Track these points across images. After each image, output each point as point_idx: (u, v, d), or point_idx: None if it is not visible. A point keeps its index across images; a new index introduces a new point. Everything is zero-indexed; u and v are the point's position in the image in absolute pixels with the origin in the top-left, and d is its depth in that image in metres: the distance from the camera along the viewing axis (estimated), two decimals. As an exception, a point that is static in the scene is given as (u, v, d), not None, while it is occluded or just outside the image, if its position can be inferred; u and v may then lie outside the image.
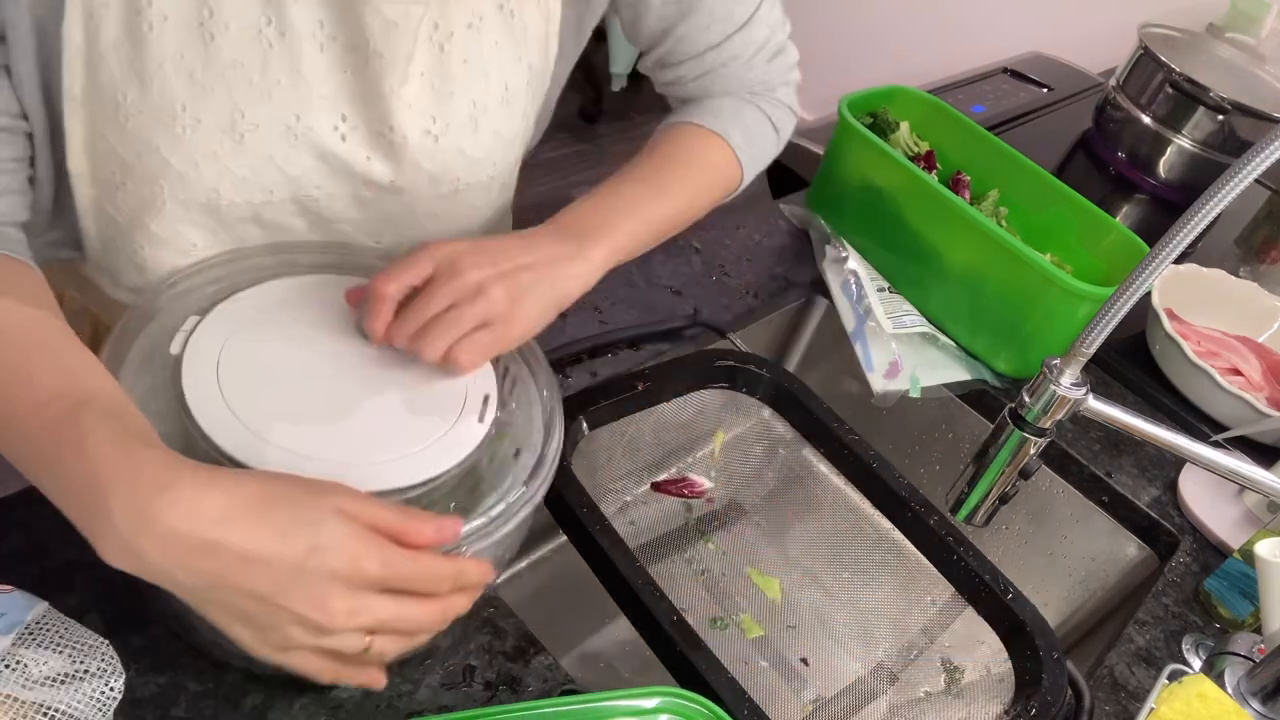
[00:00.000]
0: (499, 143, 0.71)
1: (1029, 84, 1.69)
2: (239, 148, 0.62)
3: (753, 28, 0.79)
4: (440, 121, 0.67)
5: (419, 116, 0.66)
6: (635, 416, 0.88)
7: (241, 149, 0.62)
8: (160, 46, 0.57)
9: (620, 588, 0.72)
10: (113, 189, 0.64)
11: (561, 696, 0.63)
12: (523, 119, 0.72)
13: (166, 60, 0.58)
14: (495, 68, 0.68)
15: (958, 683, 0.85)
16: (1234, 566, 0.85)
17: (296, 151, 0.64)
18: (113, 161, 0.62)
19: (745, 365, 0.91)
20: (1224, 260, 1.30)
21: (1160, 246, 0.57)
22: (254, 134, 0.62)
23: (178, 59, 0.58)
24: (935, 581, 0.85)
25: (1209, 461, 0.68)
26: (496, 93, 0.69)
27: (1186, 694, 0.74)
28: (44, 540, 0.64)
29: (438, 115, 0.67)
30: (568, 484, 0.75)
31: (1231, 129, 1.43)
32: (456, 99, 0.67)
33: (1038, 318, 0.97)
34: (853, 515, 0.92)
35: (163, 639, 0.62)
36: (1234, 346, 1.12)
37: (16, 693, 0.53)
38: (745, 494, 1.01)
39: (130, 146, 0.61)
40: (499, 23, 0.67)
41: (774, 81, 0.84)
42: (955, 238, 1.00)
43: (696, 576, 0.96)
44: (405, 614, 0.50)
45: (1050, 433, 0.68)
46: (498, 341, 0.63)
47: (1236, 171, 0.53)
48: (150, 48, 0.57)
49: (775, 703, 0.88)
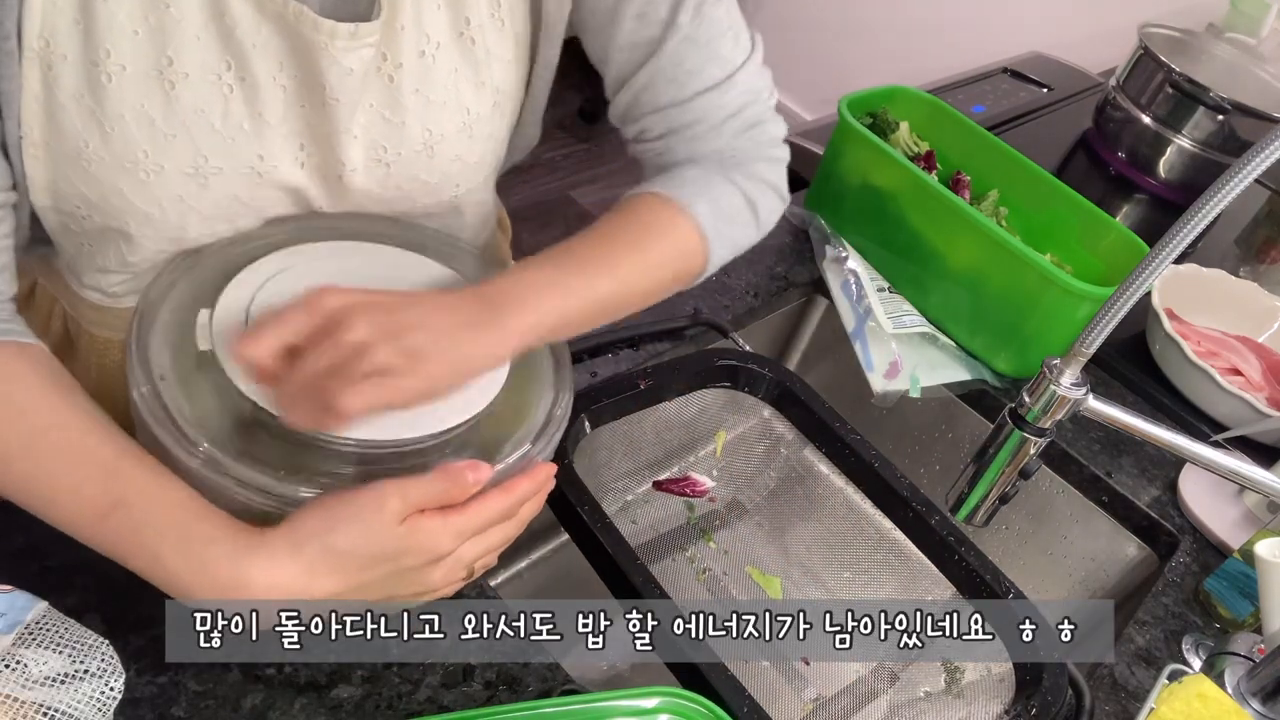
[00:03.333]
0: (461, 166, 0.70)
1: (1029, 84, 1.69)
2: (204, 190, 0.62)
3: (727, 91, 0.72)
4: (391, 151, 0.66)
5: (368, 147, 0.65)
6: (637, 415, 0.88)
7: (206, 191, 0.62)
8: (120, 96, 0.57)
9: (621, 586, 0.72)
10: (79, 219, 0.63)
11: (561, 696, 0.63)
12: (489, 140, 0.71)
13: (126, 110, 0.57)
14: (453, 95, 0.66)
15: (958, 682, 0.85)
16: (1234, 566, 0.85)
17: (262, 188, 0.64)
18: (76, 199, 0.61)
19: (747, 364, 0.91)
20: (1224, 260, 1.30)
21: (1160, 246, 0.57)
22: (218, 176, 0.61)
23: (138, 108, 0.58)
24: (936, 581, 0.85)
25: (1209, 461, 0.68)
26: (455, 120, 0.67)
27: (1186, 694, 0.74)
28: (44, 540, 0.63)
29: (389, 145, 0.65)
30: (570, 482, 0.75)
31: (1231, 129, 1.43)
32: (409, 128, 0.65)
33: (1038, 318, 0.97)
34: (854, 515, 0.92)
35: (163, 639, 0.62)
36: (1234, 346, 1.12)
37: (16, 693, 0.53)
38: (747, 493, 1.01)
39: (94, 189, 0.60)
40: (457, 50, 0.65)
41: (750, 155, 0.75)
42: (955, 238, 1.00)
43: (698, 575, 0.96)
44: (491, 544, 0.59)
45: (1050, 433, 0.68)
46: (389, 392, 0.54)
47: (1236, 171, 0.53)
48: (110, 98, 0.57)
49: (775, 701, 0.88)
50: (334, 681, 0.63)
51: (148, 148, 0.59)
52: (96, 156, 0.59)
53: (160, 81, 0.58)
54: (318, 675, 0.63)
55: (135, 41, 0.56)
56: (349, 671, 0.64)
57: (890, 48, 2.71)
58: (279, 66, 0.60)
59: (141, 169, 0.59)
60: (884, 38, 2.73)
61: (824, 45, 2.89)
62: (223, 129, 0.60)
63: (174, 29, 0.57)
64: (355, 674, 0.64)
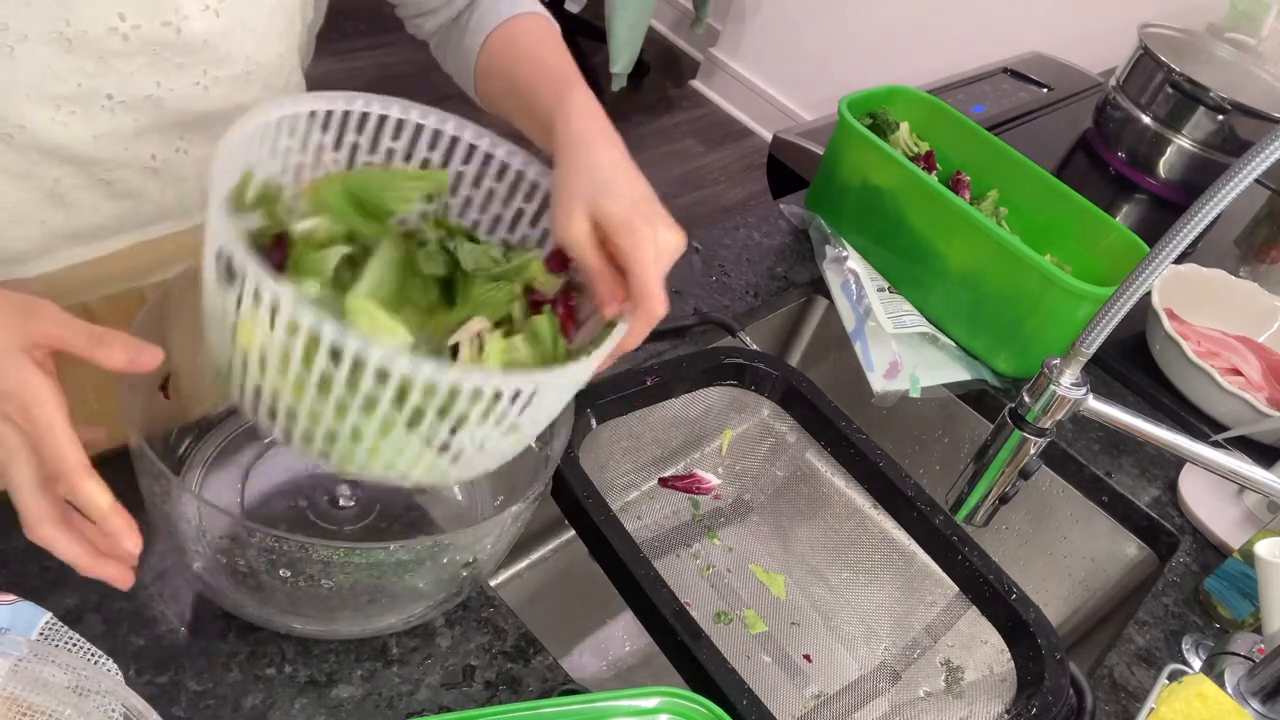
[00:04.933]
0: (281, 15, 0.69)
1: (1029, 84, 1.69)
2: (10, 62, 0.59)
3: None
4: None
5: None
6: (643, 412, 0.88)
7: (14, 63, 0.59)
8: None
9: (625, 579, 0.72)
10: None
11: (561, 696, 0.63)
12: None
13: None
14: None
15: (959, 682, 0.85)
16: (1234, 566, 0.85)
17: (74, 57, 0.61)
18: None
19: (754, 363, 0.91)
20: (1224, 260, 1.30)
21: (1160, 246, 0.57)
22: (23, 45, 0.59)
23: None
24: (939, 581, 0.85)
25: (1209, 461, 0.68)
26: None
27: (1186, 694, 0.74)
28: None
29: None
30: (574, 476, 0.75)
31: (1231, 129, 1.43)
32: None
33: (1038, 318, 0.97)
34: (858, 514, 0.92)
35: (163, 639, 0.62)
36: (1234, 346, 1.12)
37: (23, 695, 0.53)
38: (752, 491, 1.01)
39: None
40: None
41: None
42: (955, 238, 1.00)
43: (701, 572, 0.96)
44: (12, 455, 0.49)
45: (1050, 433, 0.68)
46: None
47: (1236, 171, 0.53)
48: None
49: (776, 697, 0.88)
50: (334, 681, 0.63)
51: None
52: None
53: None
54: (318, 675, 0.63)
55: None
56: (349, 671, 0.64)
57: (890, 48, 2.71)
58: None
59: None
60: (884, 38, 2.73)
61: (824, 45, 2.89)
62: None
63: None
64: (355, 674, 0.64)
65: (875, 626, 0.93)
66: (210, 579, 0.62)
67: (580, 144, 0.62)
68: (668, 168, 2.98)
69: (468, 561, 0.63)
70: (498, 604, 0.70)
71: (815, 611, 0.95)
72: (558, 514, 0.77)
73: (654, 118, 3.17)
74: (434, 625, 0.67)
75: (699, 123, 3.22)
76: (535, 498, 0.62)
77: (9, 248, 0.67)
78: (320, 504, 0.70)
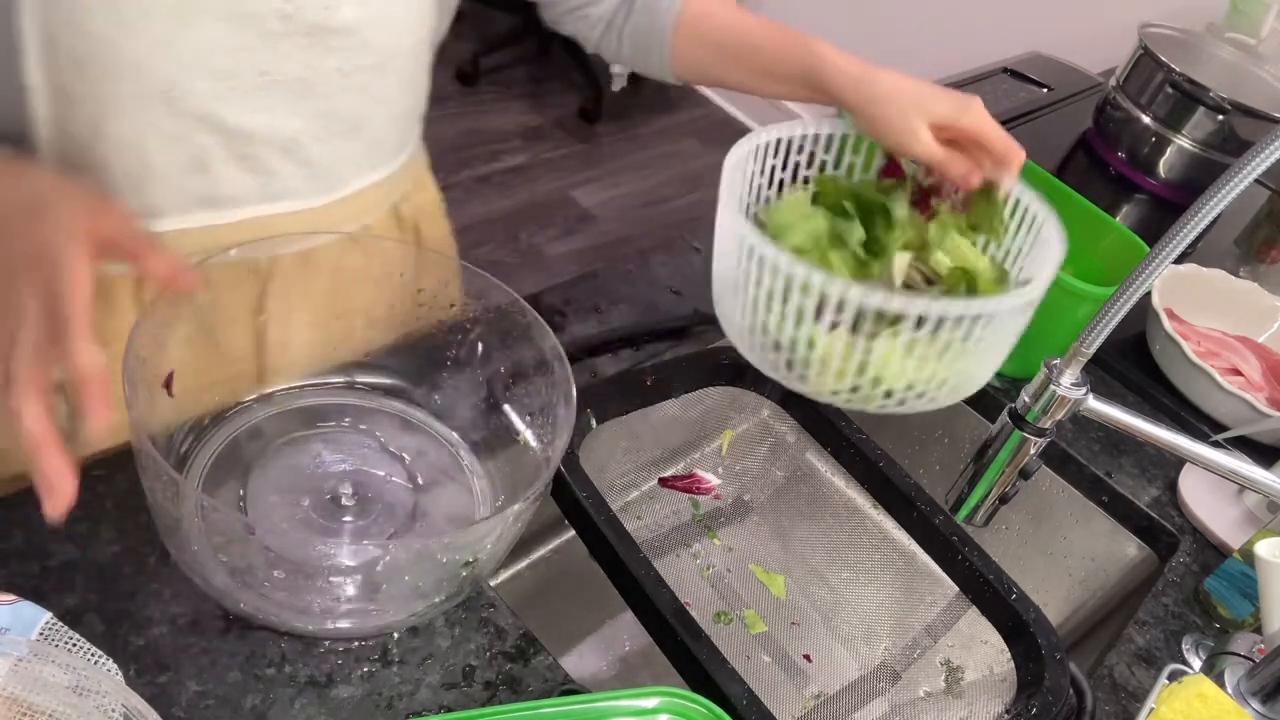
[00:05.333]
0: (416, 10, 0.73)
1: (1029, 84, 1.69)
2: (187, 32, 0.62)
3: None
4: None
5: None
6: (643, 412, 0.88)
7: (189, 33, 0.62)
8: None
9: (625, 579, 0.72)
10: (69, 104, 0.63)
11: (561, 696, 0.63)
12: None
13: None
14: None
15: (959, 682, 0.85)
16: (1234, 566, 0.85)
17: (243, 32, 0.64)
18: (67, 65, 0.61)
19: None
20: (1224, 260, 1.30)
21: (1160, 246, 0.57)
22: (201, 16, 0.62)
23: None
24: (939, 581, 0.85)
25: (1209, 461, 0.68)
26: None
27: (1186, 694, 0.74)
28: (44, 540, 0.64)
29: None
30: (574, 476, 0.75)
31: (1231, 129, 1.43)
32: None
33: (1038, 318, 0.97)
34: (858, 514, 0.92)
35: (163, 639, 0.62)
36: (1234, 346, 1.12)
37: (23, 695, 0.53)
38: (752, 491, 1.01)
39: (83, 43, 0.61)
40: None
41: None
42: (955, 238, 1.00)
43: (701, 571, 0.96)
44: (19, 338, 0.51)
45: (1050, 433, 0.68)
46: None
47: (1236, 171, 0.53)
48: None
49: (776, 697, 0.88)
50: (334, 681, 0.63)
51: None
52: (84, 4, 0.59)
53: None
54: (318, 675, 0.63)
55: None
56: (349, 671, 0.64)
57: (890, 48, 2.70)
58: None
59: (126, 12, 0.60)
60: (884, 38, 2.73)
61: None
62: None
63: None
64: (355, 674, 0.64)
65: (875, 626, 0.93)
66: (210, 578, 0.62)
67: (867, 78, 0.76)
68: (668, 168, 2.98)
69: (468, 561, 0.63)
70: (498, 604, 0.70)
71: (815, 611, 0.95)
72: (558, 514, 0.77)
73: (654, 118, 3.18)
74: (434, 625, 0.67)
75: (699, 123, 3.22)
76: (535, 498, 0.63)
77: (150, 203, 0.69)
78: (321, 503, 0.70)
